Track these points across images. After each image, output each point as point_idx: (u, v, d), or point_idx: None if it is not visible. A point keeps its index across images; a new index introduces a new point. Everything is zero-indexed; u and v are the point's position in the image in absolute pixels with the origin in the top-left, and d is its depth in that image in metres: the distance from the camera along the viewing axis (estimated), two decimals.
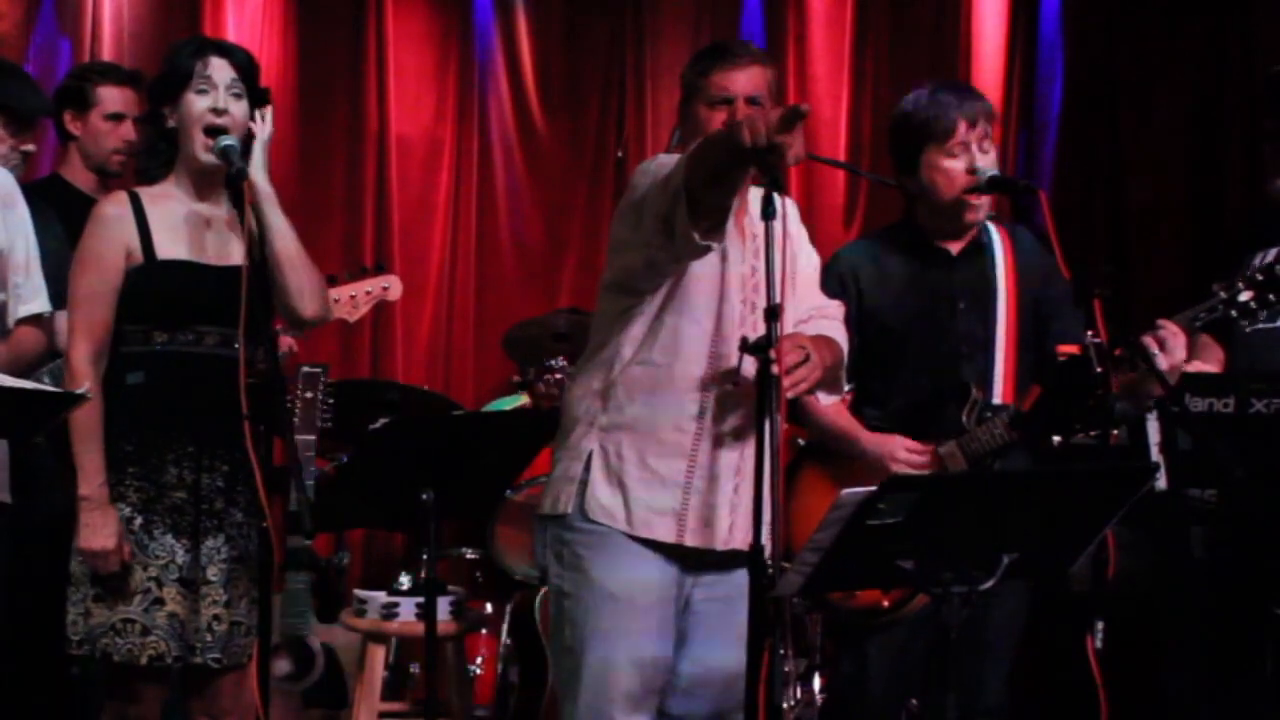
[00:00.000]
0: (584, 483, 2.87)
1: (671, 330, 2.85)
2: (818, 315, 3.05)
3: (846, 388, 3.16)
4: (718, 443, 2.86)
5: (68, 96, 3.98)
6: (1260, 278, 3.02)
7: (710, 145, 2.64)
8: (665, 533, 2.85)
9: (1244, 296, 3.02)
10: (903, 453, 3.18)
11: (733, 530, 2.87)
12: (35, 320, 3.28)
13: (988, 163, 3.20)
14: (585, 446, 2.89)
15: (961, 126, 3.19)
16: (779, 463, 2.66)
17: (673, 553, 2.88)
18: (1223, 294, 3.04)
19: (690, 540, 2.86)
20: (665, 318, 2.86)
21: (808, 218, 3.12)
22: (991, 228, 3.35)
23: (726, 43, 3.06)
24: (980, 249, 3.31)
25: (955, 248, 3.31)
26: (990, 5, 6.10)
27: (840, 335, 3.03)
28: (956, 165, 3.19)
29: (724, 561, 2.89)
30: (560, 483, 2.92)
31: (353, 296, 4.05)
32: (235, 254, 3.02)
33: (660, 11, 6.08)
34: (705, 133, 2.89)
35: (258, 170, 2.99)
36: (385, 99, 5.77)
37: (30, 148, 3.73)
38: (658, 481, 2.85)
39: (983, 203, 3.23)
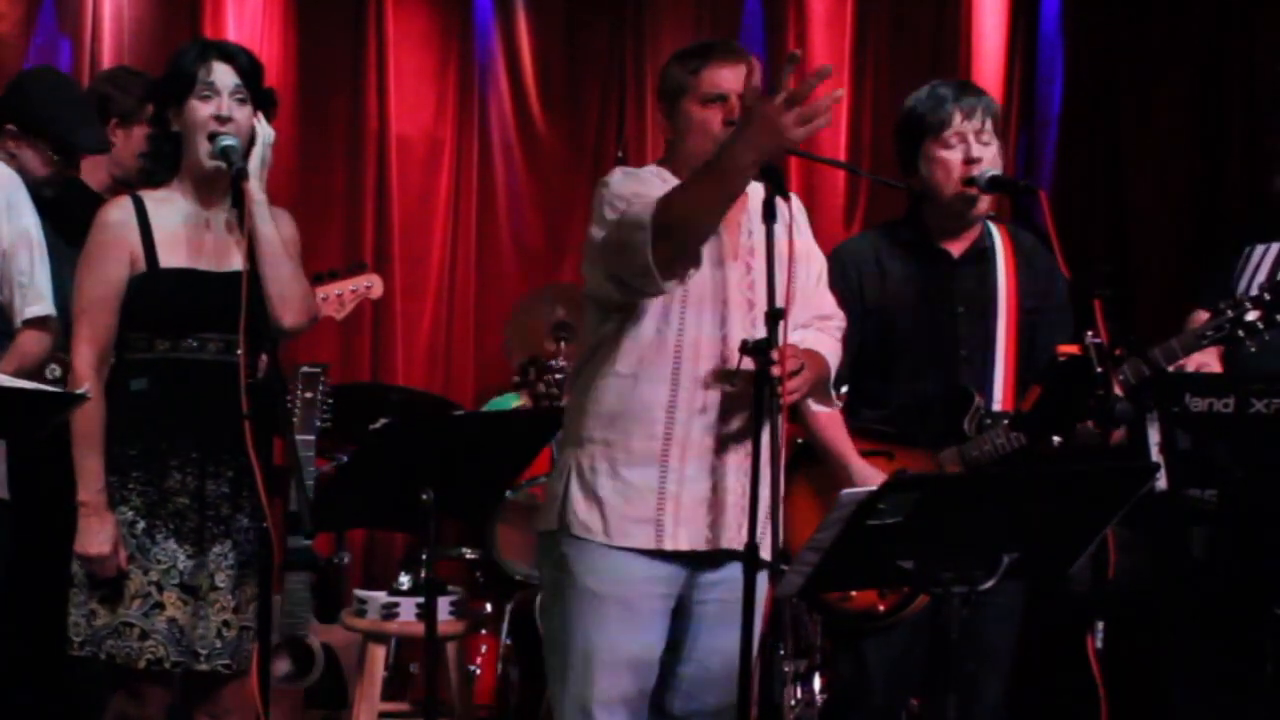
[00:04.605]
0: (565, 498, 2.91)
1: (634, 340, 2.88)
2: (817, 325, 3.06)
3: (843, 389, 3.16)
4: (691, 448, 2.87)
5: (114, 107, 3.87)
6: (1268, 297, 3.03)
7: (711, 171, 2.68)
8: (644, 540, 2.87)
9: (1250, 316, 3.03)
10: None
11: (715, 529, 2.87)
12: (39, 323, 3.29)
13: (988, 156, 3.19)
14: (565, 463, 2.95)
15: (957, 117, 3.18)
16: (780, 462, 2.67)
17: (659, 556, 2.89)
18: (1230, 313, 3.05)
19: (670, 544, 2.87)
20: (628, 326, 2.88)
21: (808, 217, 3.12)
22: (994, 230, 3.34)
23: (714, 40, 3.07)
24: (982, 253, 3.30)
25: (957, 250, 3.30)
26: (990, 5, 6.10)
27: (833, 350, 3.05)
28: (953, 156, 3.18)
29: (718, 561, 2.90)
30: (549, 499, 2.98)
31: (339, 295, 4.11)
32: (237, 259, 3.02)
33: (660, 11, 6.08)
34: (700, 131, 2.90)
35: (253, 178, 2.98)
36: (385, 99, 5.77)
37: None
38: (631, 490, 2.87)
39: (984, 196, 3.22)
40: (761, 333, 2.72)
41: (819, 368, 2.95)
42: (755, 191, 2.87)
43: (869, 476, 3.09)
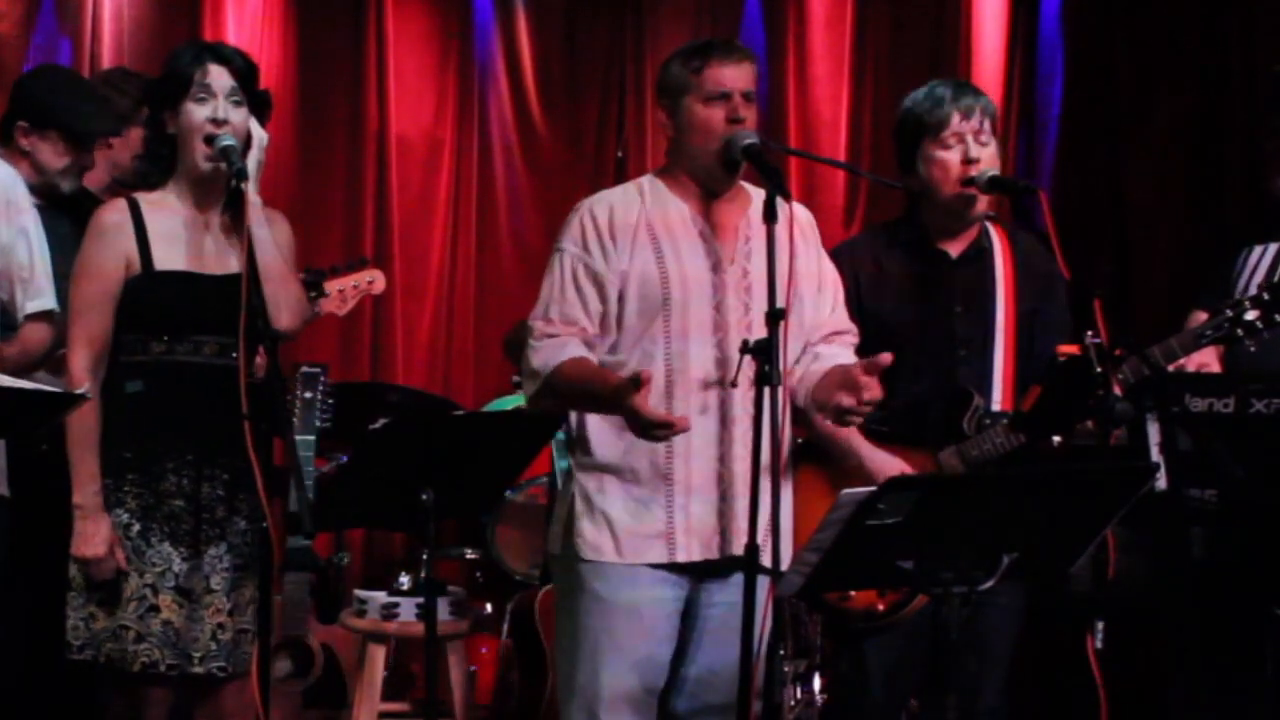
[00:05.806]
0: (570, 523, 2.93)
1: (619, 359, 2.90)
2: (833, 338, 3.06)
3: None
4: (695, 456, 2.88)
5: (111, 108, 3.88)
6: (1268, 297, 3.03)
7: (594, 399, 2.84)
8: (656, 555, 2.89)
9: (1250, 315, 3.04)
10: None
11: (727, 536, 2.88)
12: (42, 318, 3.29)
13: (986, 155, 3.19)
14: (568, 490, 2.97)
15: (955, 118, 3.18)
16: (780, 463, 2.66)
17: (670, 567, 2.90)
18: (1229, 312, 3.05)
19: (682, 556, 2.89)
20: (613, 356, 2.91)
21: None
22: (992, 231, 3.34)
23: (717, 39, 3.07)
24: (980, 253, 3.31)
25: (955, 250, 3.30)
26: (990, 5, 6.09)
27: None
28: (951, 157, 3.19)
29: (727, 566, 2.89)
30: (554, 523, 3.02)
31: (340, 290, 4.11)
32: (233, 262, 3.03)
33: (660, 11, 6.08)
34: (702, 130, 2.90)
35: (249, 181, 2.98)
36: (385, 99, 5.77)
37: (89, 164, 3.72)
38: (640, 506, 2.89)
39: (982, 196, 3.22)
40: (758, 333, 2.72)
41: None
42: (756, 195, 2.86)
43: (882, 463, 3.09)
